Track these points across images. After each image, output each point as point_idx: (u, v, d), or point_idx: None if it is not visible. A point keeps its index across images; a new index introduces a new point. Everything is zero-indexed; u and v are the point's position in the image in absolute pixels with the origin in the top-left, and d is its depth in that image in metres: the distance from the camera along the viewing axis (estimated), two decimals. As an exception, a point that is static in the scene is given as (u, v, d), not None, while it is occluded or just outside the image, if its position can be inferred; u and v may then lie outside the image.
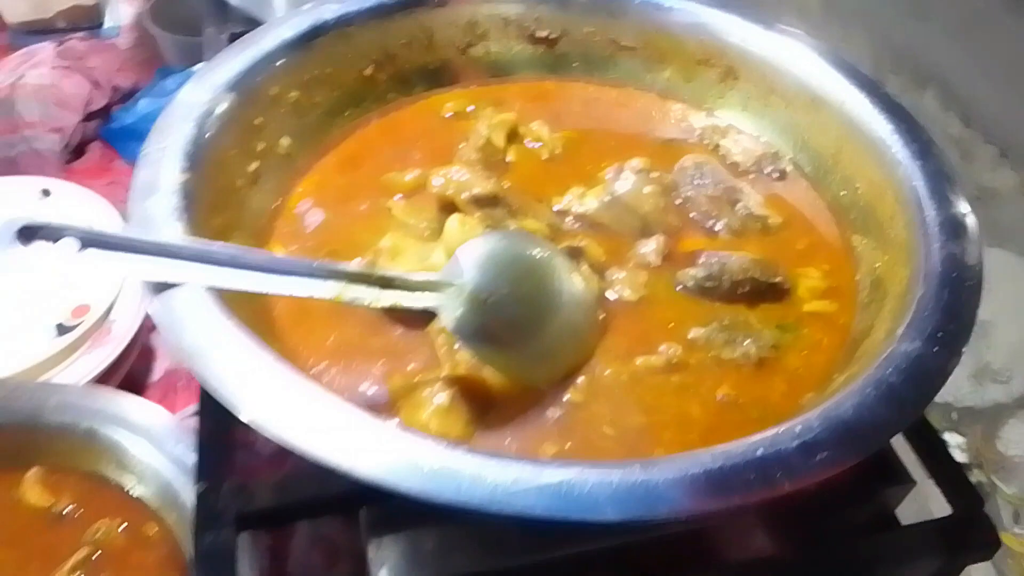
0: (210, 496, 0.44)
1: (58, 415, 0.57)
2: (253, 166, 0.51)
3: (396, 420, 0.41)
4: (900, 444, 0.46)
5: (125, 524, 0.55)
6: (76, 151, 0.89)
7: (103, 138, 0.90)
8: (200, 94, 0.48)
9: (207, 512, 0.43)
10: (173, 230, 0.41)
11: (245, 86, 0.51)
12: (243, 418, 0.34)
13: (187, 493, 0.53)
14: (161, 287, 0.38)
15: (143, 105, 0.89)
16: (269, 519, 0.44)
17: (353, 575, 0.53)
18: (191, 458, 0.55)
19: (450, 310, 0.39)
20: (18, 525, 0.55)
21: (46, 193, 0.74)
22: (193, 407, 0.67)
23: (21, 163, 0.84)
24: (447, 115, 0.60)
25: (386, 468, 0.33)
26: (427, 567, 0.44)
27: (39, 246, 0.37)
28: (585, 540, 0.43)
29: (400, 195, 0.53)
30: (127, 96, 0.92)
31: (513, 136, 0.57)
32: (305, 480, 0.45)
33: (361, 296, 0.40)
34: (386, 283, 0.40)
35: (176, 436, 0.56)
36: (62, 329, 0.65)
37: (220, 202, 0.47)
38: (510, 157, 0.56)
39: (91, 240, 0.37)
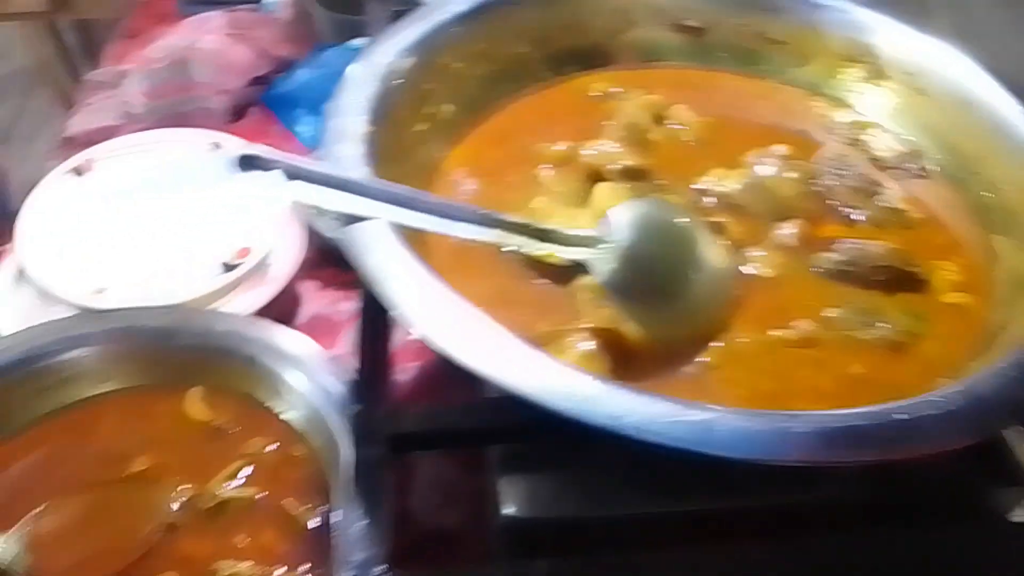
0: (365, 418, 0.49)
1: (223, 341, 0.63)
2: (420, 128, 0.56)
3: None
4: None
5: (276, 444, 0.60)
6: (238, 113, 0.97)
7: (263, 103, 0.98)
8: (384, 56, 0.53)
9: (361, 432, 0.48)
10: (360, 174, 0.46)
11: (421, 52, 0.56)
12: (416, 333, 0.38)
13: (333, 420, 0.59)
14: (351, 219, 0.43)
15: (301, 75, 0.96)
16: (416, 443, 0.48)
17: (471, 513, 0.56)
18: (338, 388, 0.60)
19: (602, 265, 0.43)
20: (181, 435, 0.61)
21: (216, 146, 0.81)
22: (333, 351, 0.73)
23: (191, 120, 0.92)
24: (593, 95, 0.63)
25: (549, 389, 0.36)
26: (551, 507, 0.47)
27: (256, 174, 0.42)
28: (706, 496, 0.45)
29: (549, 166, 0.57)
30: (286, 66, 0.99)
31: (658, 118, 0.60)
32: (448, 411, 0.50)
33: (520, 245, 0.44)
34: (544, 235, 0.44)
35: (326, 368, 0.61)
36: (227, 267, 0.72)
37: (392, 157, 0.52)
38: (654, 137, 0.59)
39: (297, 173, 0.43)
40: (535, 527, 0.47)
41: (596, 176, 0.53)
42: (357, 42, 0.94)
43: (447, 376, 0.69)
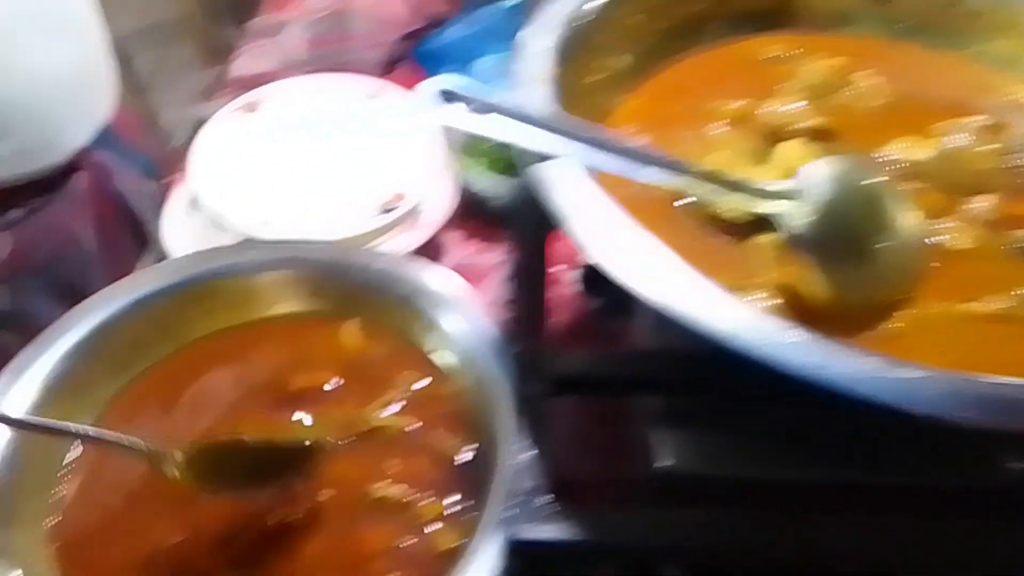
0: (527, 357, 0.50)
1: (380, 278, 0.66)
2: (596, 78, 0.56)
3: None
4: None
5: (427, 381, 0.62)
6: (389, 67, 1.00)
7: (413, 58, 1.00)
8: (570, 4, 0.53)
9: (524, 370, 0.49)
10: (551, 113, 0.46)
11: (602, 3, 0.56)
12: (607, 271, 0.39)
13: (484, 361, 0.60)
14: (540, 156, 0.43)
15: (452, 32, 0.98)
16: (578, 385, 0.49)
17: (623, 461, 0.57)
18: (490, 331, 0.62)
19: (795, 219, 0.42)
20: (337, 364, 0.64)
21: (375, 94, 0.84)
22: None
23: (347, 69, 0.95)
24: (768, 57, 0.62)
25: (750, 334, 0.36)
26: (707, 464, 0.47)
27: (455, 106, 0.43)
28: (862, 469, 0.44)
29: (722, 123, 0.56)
30: (439, 23, 1.01)
31: (840, 83, 0.58)
32: (611, 357, 0.50)
33: (709, 194, 0.43)
34: (735, 186, 0.43)
35: (478, 310, 0.62)
36: (383, 210, 0.74)
37: (571, 103, 0.52)
38: (836, 101, 0.57)
39: (492, 108, 0.43)
40: (687, 481, 0.47)
41: (775, 135, 0.52)
42: (510, 1, 0.95)
43: (591, 331, 0.69)
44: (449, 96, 0.43)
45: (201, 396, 0.63)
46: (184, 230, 0.74)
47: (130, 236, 0.83)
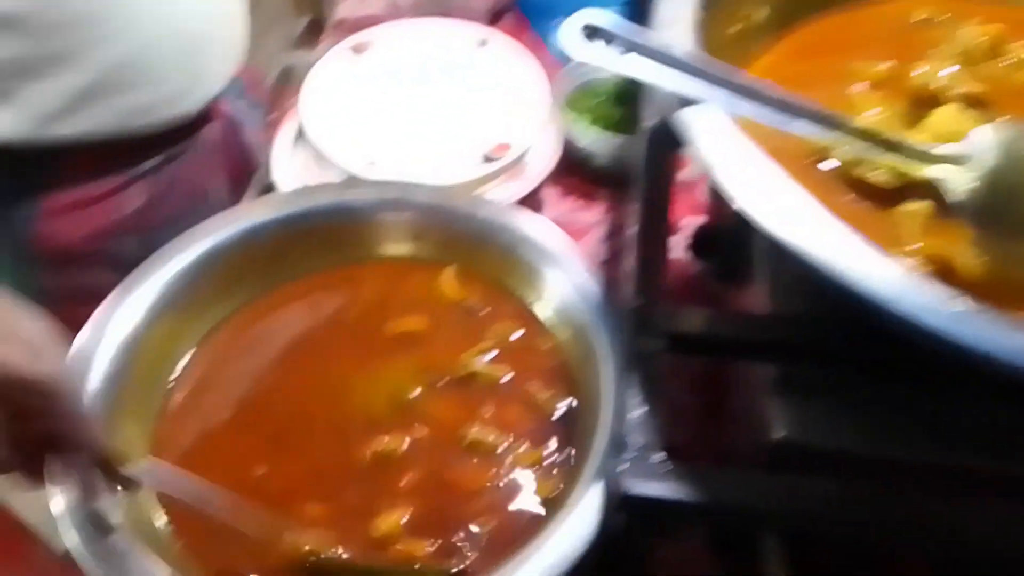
0: (644, 312, 0.48)
1: (484, 225, 0.65)
2: (733, 29, 0.54)
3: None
4: None
5: (522, 331, 0.62)
6: (495, 16, 0.98)
7: (519, 9, 0.98)
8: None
9: (641, 325, 0.48)
10: (697, 57, 0.44)
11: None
12: (762, 223, 0.37)
13: (584, 316, 0.59)
14: (683, 101, 0.41)
15: (559, -15, 0.96)
16: (695, 345, 0.47)
17: (737, 425, 0.55)
18: (590, 285, 0.60)
19: (959, 184, 0.39)
20: (435, 308, 0.64)
21: (483, 43, 0.82)
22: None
23: (452, 16, 0.94)
24: (917, 20, 0.58)
25: (908, 297, 0.34)
26: (823, 438, 0.45)
27: (597, 44, 0.41)
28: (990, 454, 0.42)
29: (865, 84, 0.53)
30: (546, -26, 0.99)
31: (995, 51, 0.54)
32: (733, 318, 0.48)
33: (862, 152, 0.41)
34: (893, 146, 0.40)
35: (581, 265, 0.61)
36: (487, 159, 0.73)
37: (712, 50, 0.50)
38: (992, 69, 0.53)
39: (634, 47, 0.41)
40: (800, 453, 0.45)
41: (926, 99, 0.49)
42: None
43: (696, 295, 0.67)
44: (592, 32, 0.41)
45: (298, 333, 0.63)
46: (291, 166, 0.74)
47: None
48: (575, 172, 0.81)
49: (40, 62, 0.66)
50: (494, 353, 0.61)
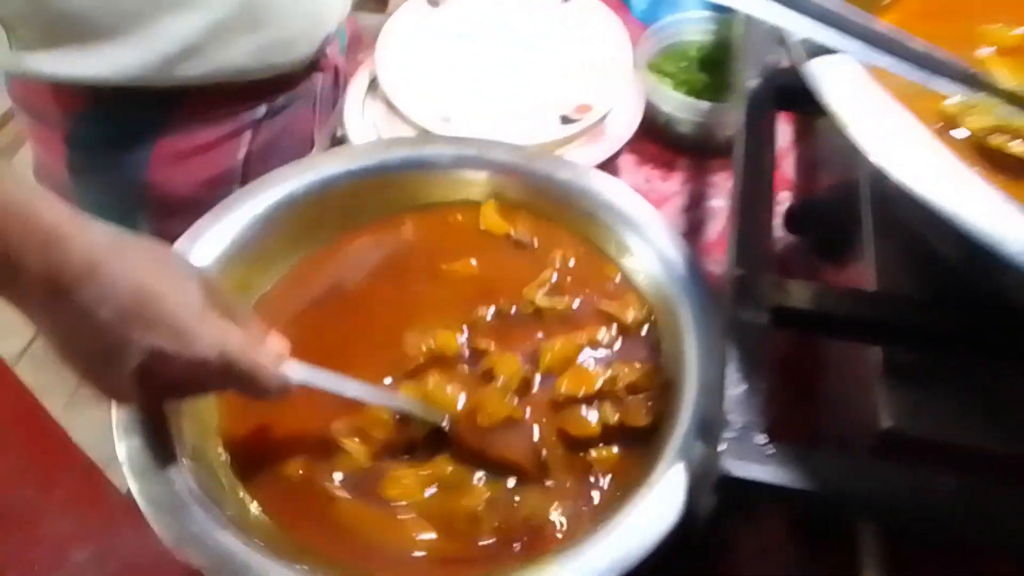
0: (748, 282, 0.45)
1: (563, 188, 0.62)
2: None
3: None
4: None
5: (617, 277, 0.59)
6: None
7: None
8: None
9: (743, 297, 0.44)
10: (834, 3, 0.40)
11: None
12: (904, 180, 0.33)
13: (668, 285, 0.56)
14: (817, 50, 0.38)
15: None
16: (802, 320, 0.44)
17: (844, 411, 0.51)
18: (676, 254, 0.57)
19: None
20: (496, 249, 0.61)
21: (565, 0, 0.79)
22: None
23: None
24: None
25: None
26: (934, 429, 0.41)
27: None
28: None
29: (992, 48, 0.48)
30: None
31: None
32: (844, 295, 0.45)
33: (1004, 118, 0.37)
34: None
35: (666, 231, 0.58)
36: (565, 120, 0.70)
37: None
38: None
39: (763, -10, 0.38)
40: (912, 444, 0.42)
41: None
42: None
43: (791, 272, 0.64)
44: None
45: (360, 278, 0.61)
46: (362, 119, 0.72)
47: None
48: (654, 139, 0.78)
49: None
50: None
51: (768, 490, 0.38)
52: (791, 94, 0.55)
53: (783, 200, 0.67)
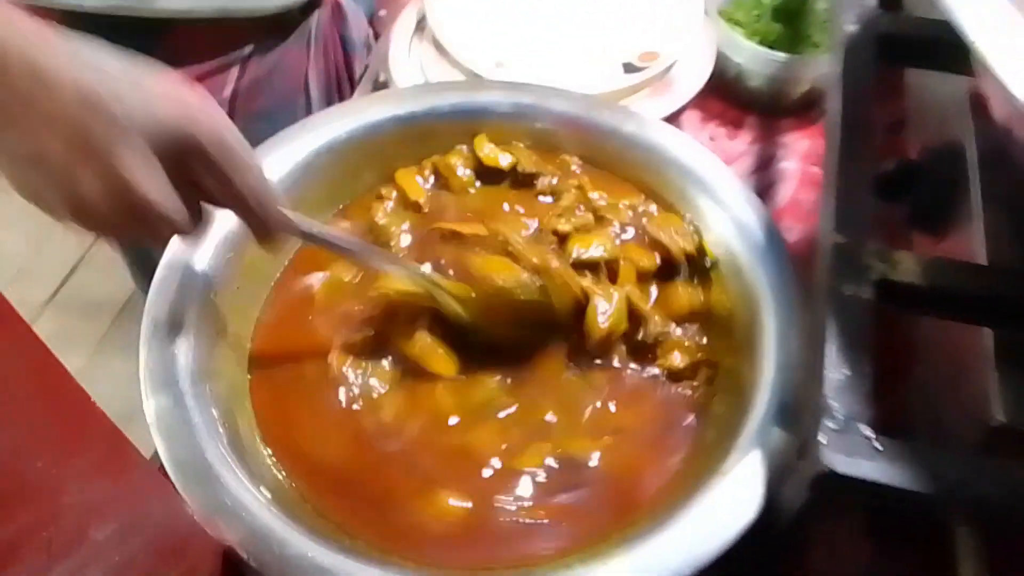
0: (850, 251, 0.40)
1: (628, 143, 0.56)
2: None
3: None
4: None
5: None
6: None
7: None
8: None
9: (845, 266, 0.39)
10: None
11: None
12: None
13: (742, 251, 0.51)
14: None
15: None
16: (912, 297, 0.39)
17: (947, 402, 0.46)
18: (753, 217, 0.52)
19: None
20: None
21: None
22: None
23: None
24: None
25: None
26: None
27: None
28: None
29: None
30: None
31: None
32: (965, 271, 0.40)
33: None
34: None
35: (742, 191, 0.53)
36: (628, 68, 0.64)
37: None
38: None
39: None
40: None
41: None
42: None
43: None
44: None
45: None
46: (408, 62, 0.67)
47: (350, 89, 0.76)
48: (721, 94, 0.72)
49: None
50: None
51: (877, 490, 0.34)
52: (893, 43, 0.49)
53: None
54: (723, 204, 0.53)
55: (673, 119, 0.67)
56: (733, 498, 0.40)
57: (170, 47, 0.66)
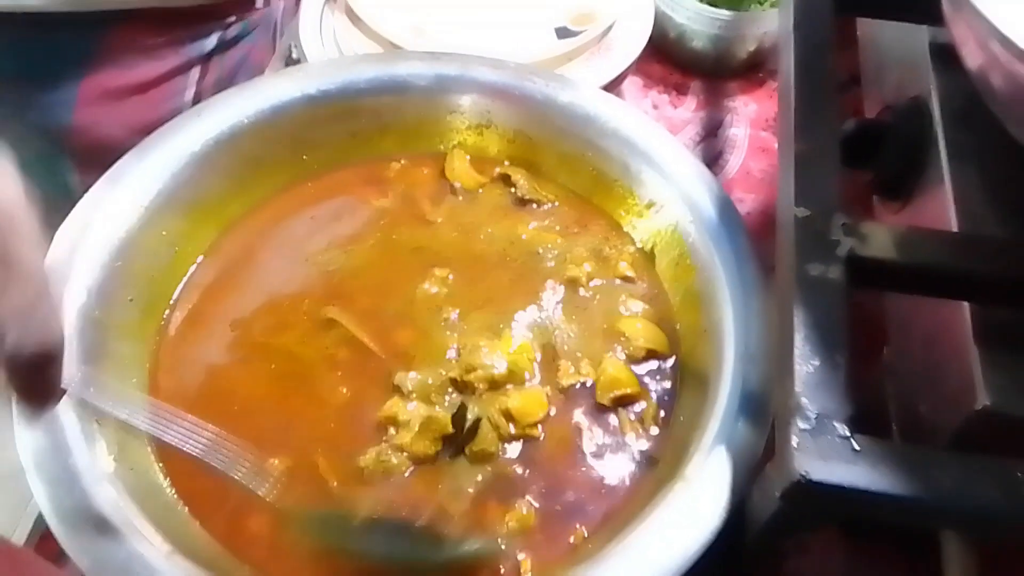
0: (814, 225, 0.35)
1: (565, 114, 0.51)
2: None
3: None
4: None
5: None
6: None
7: None
8: None
9: (811, 243, 0.35)
10: None
11: None
12: None
13: (687, 223, 0.47)
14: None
15: None
16: (885, 274, 0.35)
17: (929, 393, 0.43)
18: (700, 191, 0.47)
19: None
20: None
21: None
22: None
23: None
24: None
25: None
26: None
27: None
28: None
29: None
30: None
31: None
32: (941, 242, 0.36)
33: None
34: None
35: (693, 165, 0.48)
36: (562, 33, 0.59)
37: None
38: None
39: None
40: (1018, 428, 0.33)
41: None
42: None
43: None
44: None
45: (327, 242, 0.50)
46: (321, 34, 0.60)
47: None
48: (663, 58, 0.67)
49: None
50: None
51: (856, 497, 0.30)
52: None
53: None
54: (670, 178, 0.48)
55: (613, 86, 0.61)
56: (695, 508, 0.36)
57: (119, 44, 0.59)
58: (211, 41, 0.63)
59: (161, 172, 0.47)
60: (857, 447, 0.30)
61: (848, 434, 0.30)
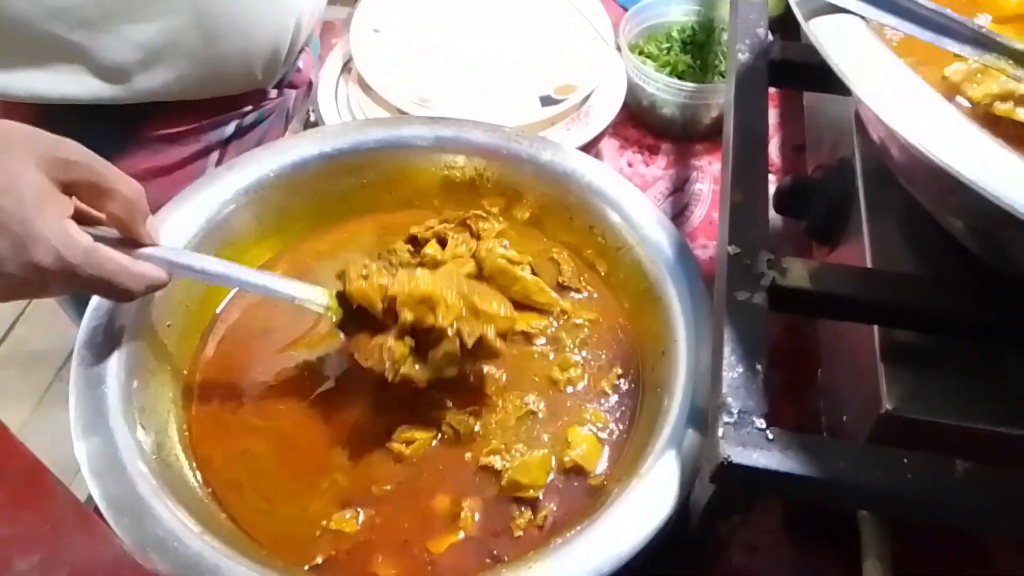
0: (743, 260, 0.43)
1: (547, 169, 0.59)
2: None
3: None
4: None
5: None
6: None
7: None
8: None
9: (739, 276, 0.42)
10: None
11: None
12: (904, 134, 0.31)
13: (651, 264, 0.54)
14: (824, 8, 0.36)
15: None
16: (802, 301, 0.42)
17: (839, 396, 0.49)
18: (661, 236, 0.55)
19: None
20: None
21: (543, -20, 0.76)
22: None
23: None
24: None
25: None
26: (936, 410, 0.39)
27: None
28: None
29: (987, 18, 0.47)
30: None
31: None
32: (846, 275, 0.43)
33: (1013, 81, 0.35)
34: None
35: (652, 212, 0.56)
36: (546, 101, 0.67)
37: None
38: None
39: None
40: (914, 428, 0.40)
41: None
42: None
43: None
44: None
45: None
46: (337, 100, 0.69)
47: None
48: (637, 123, 0.76)
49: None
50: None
51: (769, 477, 0.36)
52: (782, 68, 0.53)
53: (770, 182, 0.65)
54: (635, 225, 0.56)
55: (591, 147, 0.70)
56: (650, 498, 0.43)
57: (147, 135, 0.66)
58: (230, 128, 0.69)
59: (197, 216, 0.55)
60: (771, 436, 0.37)
61: (764, 427, 0.37)
